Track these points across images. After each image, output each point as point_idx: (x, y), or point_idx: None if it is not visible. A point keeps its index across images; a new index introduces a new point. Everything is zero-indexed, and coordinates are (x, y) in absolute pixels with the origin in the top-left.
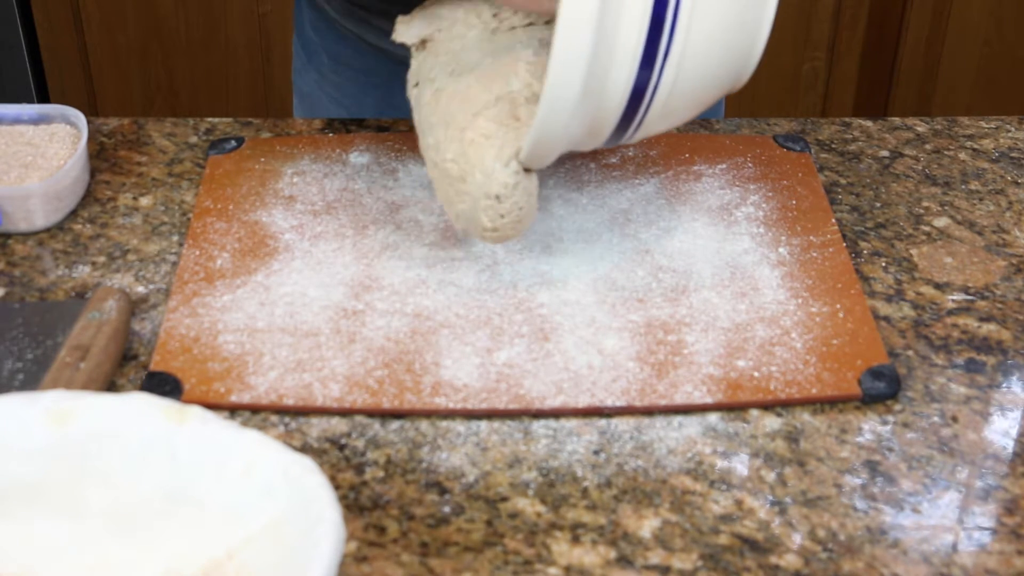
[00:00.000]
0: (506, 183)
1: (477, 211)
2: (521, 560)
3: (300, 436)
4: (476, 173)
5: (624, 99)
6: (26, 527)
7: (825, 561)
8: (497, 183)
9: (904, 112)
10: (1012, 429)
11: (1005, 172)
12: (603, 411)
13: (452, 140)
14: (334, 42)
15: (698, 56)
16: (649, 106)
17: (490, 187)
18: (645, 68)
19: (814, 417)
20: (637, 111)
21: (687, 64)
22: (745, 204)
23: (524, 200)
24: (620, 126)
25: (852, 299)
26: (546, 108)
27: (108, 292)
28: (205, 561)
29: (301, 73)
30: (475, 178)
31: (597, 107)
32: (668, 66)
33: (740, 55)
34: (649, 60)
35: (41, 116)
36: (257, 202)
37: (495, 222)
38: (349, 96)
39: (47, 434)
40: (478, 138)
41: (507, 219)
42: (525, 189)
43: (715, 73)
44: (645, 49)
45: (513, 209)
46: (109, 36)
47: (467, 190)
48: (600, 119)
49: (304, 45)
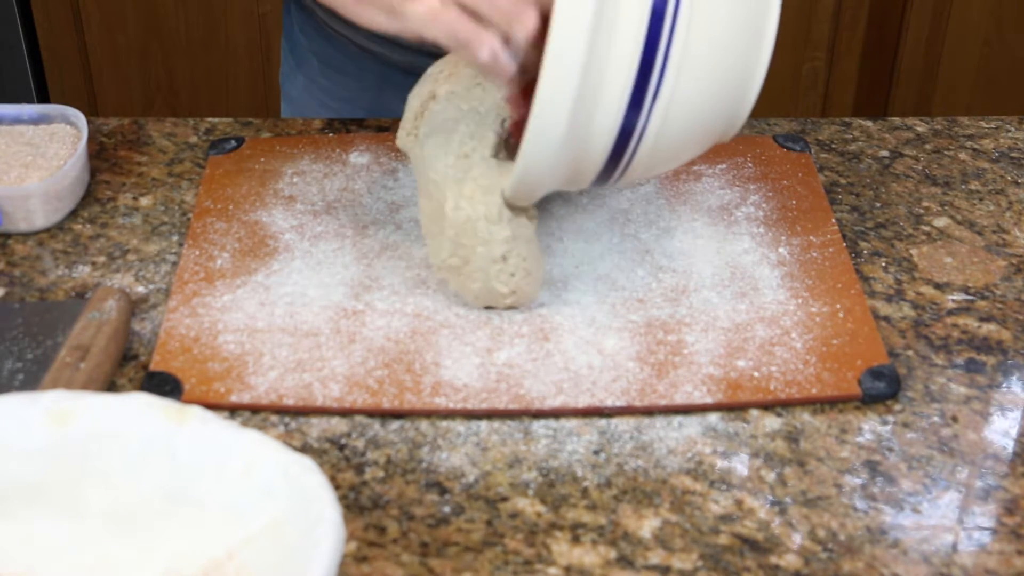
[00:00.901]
0: (505, 237)
1: (490, 281)
2: (521, 560)
3: (300, 436)
4: (477, 249)
5: (610, 143)
6: (26, 527)
7: (825, 561)
8: (498, 243)
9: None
10: (1012, 429)
11: (1005, 172)
12: (603, 411)
13: (444, 242)
14: (323, 45)
15: (687, 102)
16: (635, 152)
17: (494, 251)
18: (632, 112)
19: (814, 417)
20: (623, 156)
21: (675, 110)
22: (745, 204)
23: (526, 249)
24: (605, 170)
25: (852, 299)
26: (530, 145)
27: (108, 292)
28: (205, 561)
29: (289, 77)
30: (477, 254)
31: (582, 149)
32: (656, 111)
33: (731, 104)
34: (637, 104)
35: (41, 116)
36: (257, 202)
37: (509, 284)
38: (339, 99)
39: (47, 434)
40: (465, 222)
41: (517, 276)
42: (523, 238)
43: (705, 120)
44: (633, 93)
45: (519, 263)
46: (109, 36)
47: (473, 271)
48: (585, 161)
49: (292, 49)
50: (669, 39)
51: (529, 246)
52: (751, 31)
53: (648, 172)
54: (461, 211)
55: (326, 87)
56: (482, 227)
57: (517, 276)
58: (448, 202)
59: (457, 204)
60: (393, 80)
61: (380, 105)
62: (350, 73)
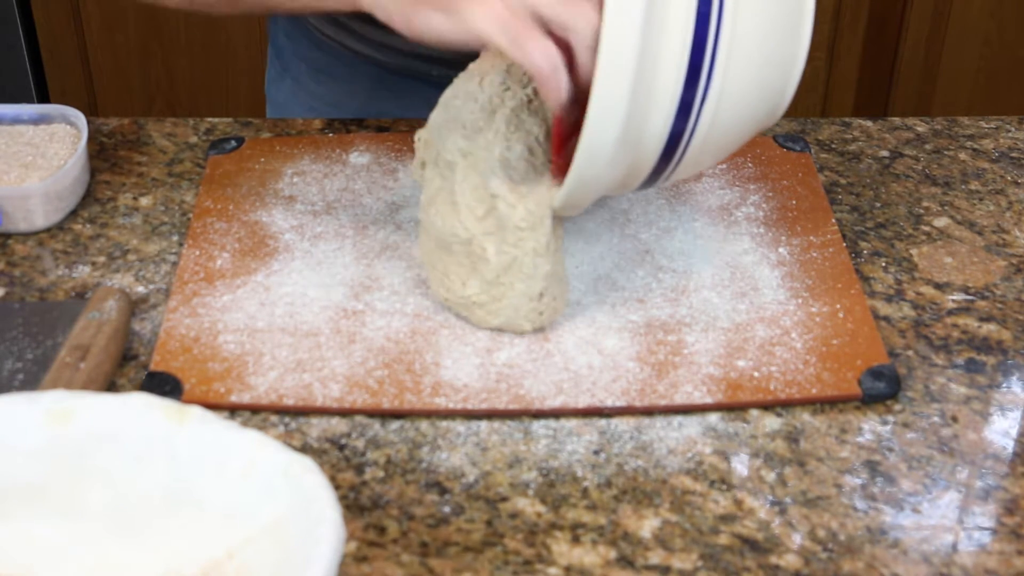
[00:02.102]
0: (546, 273)
1: (518, 318)
2: (521, 560)
3: (300, 436)
4: (516, 287)
5: (661, 144)
6: (26, 527)
7: (825, 561)
8: (539, 279)
9: (904, 112)
10: (1012, 429)
11: (1005, 172)
12: (603, 411)
13: (470, 280)
14: (312, 49)
15: (736, 95)
16: (686, 150)
17: (533, 288)
18: (682, 114)
19: (814, 417)
20: (673, 156)
21: (725, 103)
22: (745, 204)
23: (557, 288)
24: (655, 171)
25: (852, 299)
26: (583, 156)
27: (108, 292)
28: (205, 561)
29: (275, 82)
30: (516, 291)
31: (633, 154)
32: (705, 110)
33: (774, 93)
34: (686, 105)
35: (41, 116)
36: (257, 202)
37: (535, 322)
38: (328, 104)
39: (47, 434)
40: (512, 263)
41: (545, 315)
42: (557, 275)
43: (751, 112)
44: (683, 95)
45: (550, 302)
46: (109, 36)
47: (503, 308)
48: (636, 165)
49: (278, 54)
50: (717, 31)
51: (561, 285)
52: (790, 16)
53: (695, 168)
54: (506, 255)
55: (315, 91)
56: (528, 263)
57: (545, 315)
58: (490, 249)
59: (500, 249)
60: (386, 83)
61: (370, 109)
62: (341, 78)
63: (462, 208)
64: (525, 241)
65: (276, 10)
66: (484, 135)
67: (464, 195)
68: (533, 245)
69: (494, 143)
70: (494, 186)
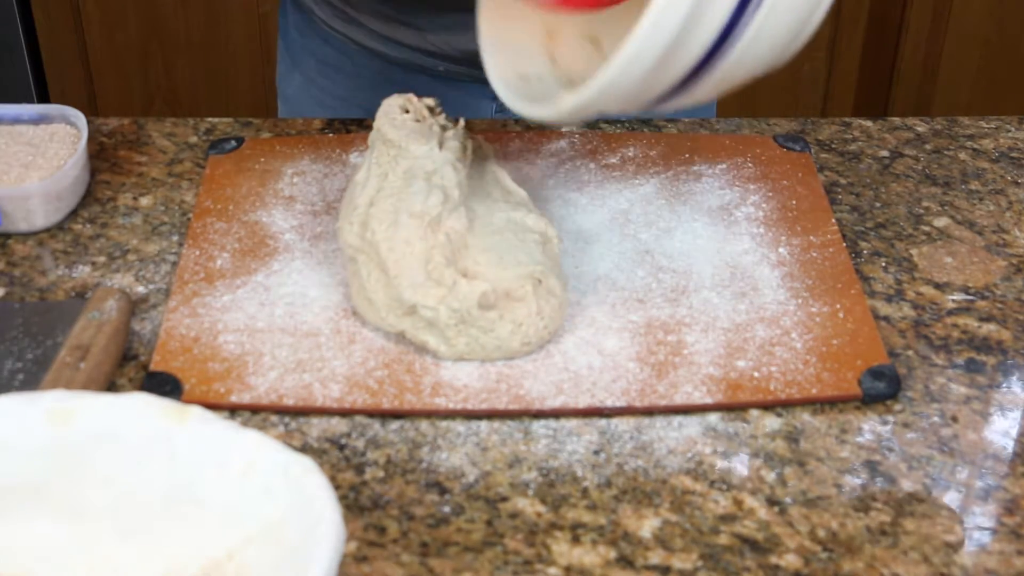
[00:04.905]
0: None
1: (512, 352)
2: (521, 560)
3: (300, 436)
4: (482, 339)
5: (715, 34)
6: (26, 527)
7: (825, 561)
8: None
9: (904, 112)
10: (1012, 429)
11: (1005, 172)
12: (603, 411)
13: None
14: (320, 44)
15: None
16: (726, 55)
17: (514, 335)
18: (740, 10)
19: (814, 417)
20: (720, 51)
21: (779, 7)
22: (745, 204)
23: (547, 306)
24: (694, 71)
25: (852, 299)
26: (633, 48)
27: (108, 292)
28: (205, 561)
29: (286, 77)
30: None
31: (677, 54)
32: (760, 10)
33: (808, 8)
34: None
35: (41, 116)
36: (257, 202)
37: (525, 348)
38: (337, 98)
39: (47, 434)
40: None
41: (531, 344)
42: (546, 291)
43: (795, 16)
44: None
45: (539, 327)
46: (109, 36)
47: (490, 350)
48: (679, 61)
49: (288, 48)
50: None
51: (553, 298)
52: None
53: (727, 81)
54: (465, 335)
55: (324, 86)
56: (490, 339)
57: (531, 344)
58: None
59: (457, 331)
60: (393, 77)
61: (378, 103)
62: (348, 71)
63: (381, 308)
64: (472, 328)
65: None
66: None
67: (377, 294)
68: (483, 324)
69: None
70: (407, 296)
